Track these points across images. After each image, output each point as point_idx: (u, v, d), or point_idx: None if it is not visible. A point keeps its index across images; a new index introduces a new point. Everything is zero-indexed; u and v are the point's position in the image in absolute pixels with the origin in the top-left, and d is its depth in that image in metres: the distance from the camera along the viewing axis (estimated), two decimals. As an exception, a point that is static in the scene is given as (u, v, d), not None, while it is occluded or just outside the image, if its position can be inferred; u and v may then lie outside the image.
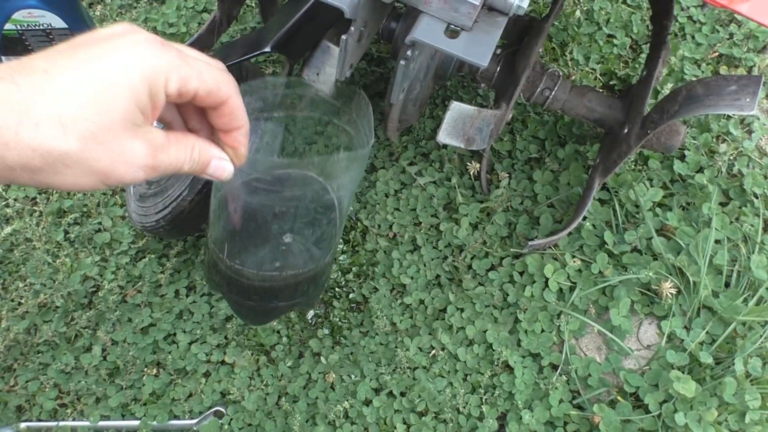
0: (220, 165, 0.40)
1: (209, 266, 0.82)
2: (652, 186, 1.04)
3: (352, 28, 0.63)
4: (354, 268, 1.00)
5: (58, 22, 1.02)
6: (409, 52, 0.62)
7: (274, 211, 0.73)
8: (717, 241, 0.97)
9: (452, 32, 0.59)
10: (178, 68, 0.34)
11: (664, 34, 0.94)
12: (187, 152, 0.38)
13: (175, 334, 0.93)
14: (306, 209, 0.75)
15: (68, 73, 0.31)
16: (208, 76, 0.36)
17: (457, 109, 0.83)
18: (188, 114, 0.41)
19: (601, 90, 1.19)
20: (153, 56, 0.33)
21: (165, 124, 0.41)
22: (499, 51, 0.97)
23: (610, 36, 1.24)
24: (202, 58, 0.37)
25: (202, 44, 1.01)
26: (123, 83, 0.32)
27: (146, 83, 0.32)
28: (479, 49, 0.58)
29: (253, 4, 1.18)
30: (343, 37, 0.63)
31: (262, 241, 0.77)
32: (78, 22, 1.04)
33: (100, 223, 1.06)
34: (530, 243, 0.91)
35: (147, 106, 0.33)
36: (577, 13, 1.25)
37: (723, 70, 1.19)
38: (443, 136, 0.85)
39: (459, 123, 0.84)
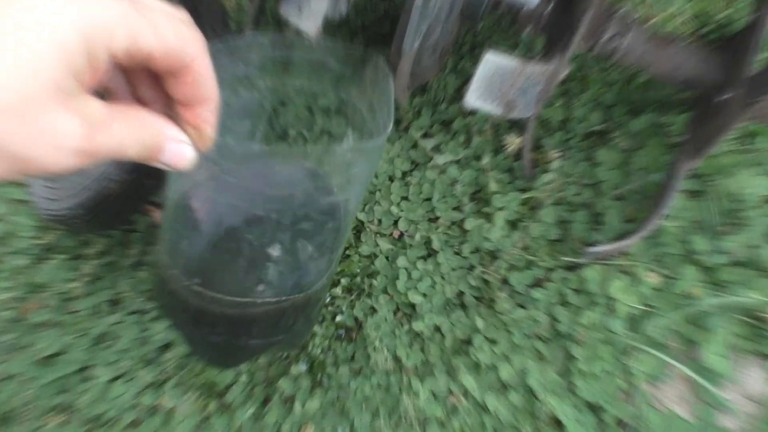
0: (178, 150, 0.40)
1: (157, 284, 0.82)
2: (761, 174, 1.02)
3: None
4: (343, 280, 0.99)
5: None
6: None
7: (253, 215, 0.74)
8: None
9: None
10: (126, 20, 0.34)
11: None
12: (135, 132, 0.37)
13: (90, 368, 0.92)
14: (298, 214, 0.75)
15: None
16: (167, 31, 0.35)
17: (492, 62, 0.83)
18: (138, 80, 0.41)
19: (692, 38, 1.17)
20: (95, 3, 0.32)
21: (105, 93, 0.40)
22: (552, -19, 0.96)
23: (704, -35, 1.22)
24: (161, 7, 0.36)
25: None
26: (53, 40, 0.31)
27: (84, 41, 0.32)
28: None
29: None
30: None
31: (234, 255, 0.77)
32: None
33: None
34: (590, 249, 0.91)
35: (84, 71, 0.33)
36: (660, -69, 1.23)
37: None
38: (473, 99, 0.85)
39: (495, 81, 0.85)
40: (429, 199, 1.03)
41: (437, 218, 1.02)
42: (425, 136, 1.07)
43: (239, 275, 0.78)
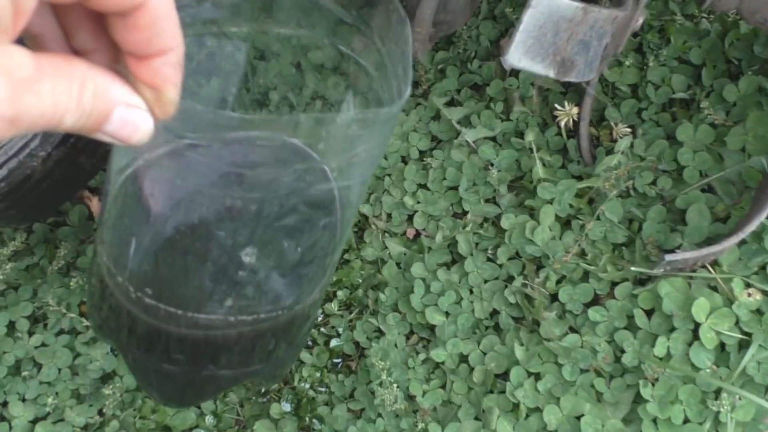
0: (130, 117, 0.39)
1: (95, 295, 0.81)
2: None
3: None
4: (340, 293, 0.99)
5: None
6: None
7: (224, 206, 0.72)
8: None
9: None
10: None
11: None
12: (74, 92, 0.36)
13: (4, 406, 0.89)
14: (283, 206, 0.73)
15: None
16: None
17: (544, 5, 0.82)
18: (74, 24, 0.40)
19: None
20: None
21: (31, 42, 0.40)
22: None
23: None
24: None
25: None
26: None
27: None
28: None
29: None
30: None
31: (199, 259, 0.75)
32: None
33: None
34: (668, 257, 0.89)
35: (4, 12, 0.32)
36: None
37: None
38: (517, 56, 0.85)
39: (547, 31, 0.84)
40: (455, 188, 1.02)
41: (465, 213, 1.02)
42: (450, 103, 1.06)
43: (204, 285, 0.76)
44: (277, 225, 0.74)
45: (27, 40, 0.40)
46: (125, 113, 0.39)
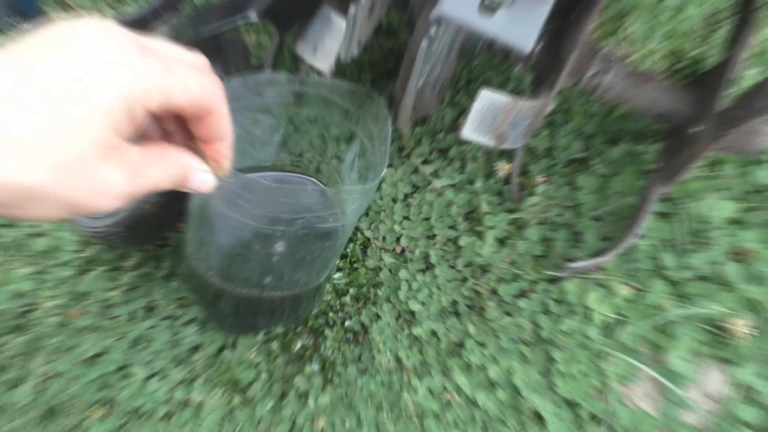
0: (201, 179, 0.42)
1: (186, 270, 0.89)
2: (726, 197, 1.04)
3: (363, 1, 0.63)
4: (352, 290, 1.00)
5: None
6: (433, 30, 0.63)
7: (261, 232, 0.77)
8: (805, 270, 0.97)
9: (488, 7, 0.59)
10: (159, 81, 0.35)
11: (751, 7, 0.94)
12: (167, 169, 0.39)
13: (128, 367, 0.93)
14: (300, 235, 0.79)
15: (36, 93, 0.31)
16: (193, 85, 0.37)
17: (487, 98, 0.84)
18: (165, 120, 0.42)
19: (667, 73, 1.19)
20: (132, 69, 0.34)
21: (139, 132, 0.42)
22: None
23: (678, 7, 1.24)
24: (185, 60, 0.38)
25: (171, 4, 1.01)
26: (99, 104, 0.32)
27: (125, 103, 0.33)
28: (521, 29, 0.59)
29: (235, -44, 1.18)
30: (352, 9, 0.63)
31: (243, 258, 0.81)
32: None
33: (35, 226, 1.06)
34: (571, 265, 0.92)
35: (125, 126, 0.34)
36: (638, -23, 1.26)
37: (817, 54, 1.19)
38: (469, 132, 0.86)
39: (489, 116, 0.85)
40: (428, 219, 1.05)
41: (435, 236, 1.04)
42: (425, 162, 1.08)
43: (247, 274, 0.83)
44: (296, 245, 0.80)
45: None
46: (199, 176, 0.42)
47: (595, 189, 1.06)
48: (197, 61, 0.40)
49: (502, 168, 1.07)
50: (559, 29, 0.96)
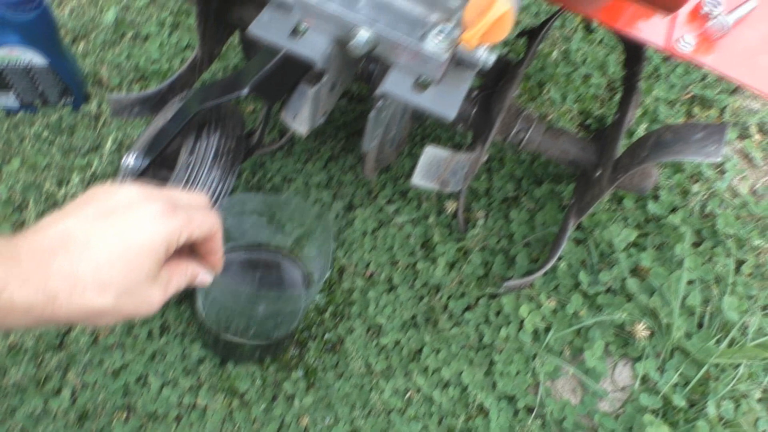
0: (203, 277, 0.50)
1: (198, 324, 0.95)
2: (626, 226, 1.06)
3: (324, 79, 0.64)
4: (330, 308, 1.00)
5: (39, 60, 1.04)
6: (380, 103, 0.64)
7: (241, 302, 0.84)
8: (690, 282, 0.99)
9: (421, 85, 0.60)
10: (185, 228, 0.43)
11: (635, 79, 0.97)
12: (183, 277, 0.47)
13: (146, 377, 0.92)
14: (275, 306, 0.86)
15: (104, 243, 0.39)
16: (204, 225, 0.45)
17: (431, 153, 0.85)
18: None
19: (577, 128, 1.22)
20: (168, 224, 0.41)
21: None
22: (475, 93, 1.00)
23: (586, 76, 1.28)
24: (196, 204, 0.47)
25: (183, 82, 1.02)
26: (147, 250, 0.40)
27: (164, 246, 0.41)
28: (447, 102, 0.60)
29: (236, 42, 1.20)
30: (312, 89, 0.65)
31: (231, 318, 0.87)
32: (59, 60, 1.06)
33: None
34: (506, 284, 0.93)
35: (163, 260, 0.42)
36: (555, 53, 1.29)
37: (696, 110, 1.23)
38: (418, 179, 0.87)
39: (433, 166, 0.86)
40: (391, 248, 1.05)
41: (397, 261, 1.04)
42: (389, 202, 1.10)
43: (235, 328, 0.88)
44: (268, 312, 0.85)
45: None
46: (201, 276, 0.49)
47: (524, 221, 1.07)
48: (202, 201, 0.48)
49: (450, 206, 1.09)
50: (489, 96, 0.99)
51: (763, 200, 1.11)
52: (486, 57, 0.62)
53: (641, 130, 1.18)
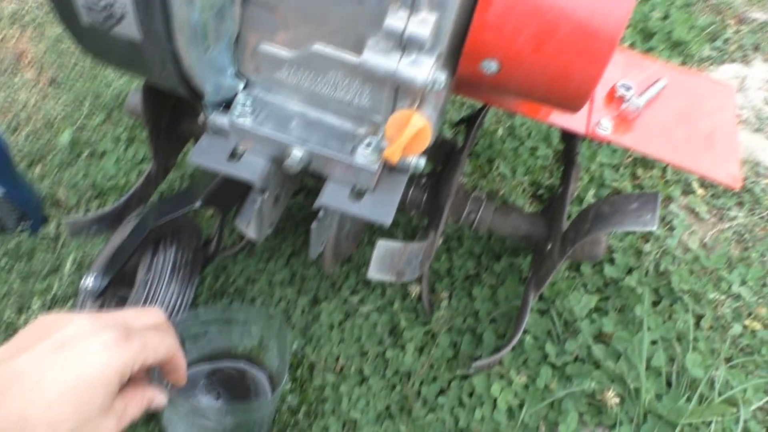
0: (159, 401, 0.50)
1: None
2: (587, 292, 1.08)
3: (266, 195, 0.67)
4: (303, 407, 0.99)
5: (-5, 188, 1.06)
6: (320, 213, 0.67)
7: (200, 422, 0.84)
8: (653, 342, 1.01)
9: (357, 194, 0.63)
10: (139, 356, 0.43)
11: (573, 153, 1.02)
12: (139, 405, 0.47)
13: None
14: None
15: (55, 381, 0.39)
16: (161, 349, 0.45)
17: (383, 247, 0.87)
18: None
19: (530, 200, 1.26)
20: (121, 354, 0.42)
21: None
22: (424, 180, 1.03)
23: (533, 148, 1.34)
24: (154, 325, 0.47)
25: (140, 197, 1.05)
26: (99, 384, 0.40)
27: (117, 377, 0.41)
28: (383, 208, 0.63)
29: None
30: (258, 201, 0.67)
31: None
32: (15, 188, 1.08)
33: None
34: (474, 364, 0.93)
35: (116, 391, 0.42)
36: (500, 130, 1.35)
37: (640, 171, 1.29)
38: (373, 273, 0.89)
39: (387, 259, 0.89)
40: (359, 339, 1.06)
41: (366, 352, 1.05)
42: (353, 293, 1.11)
43: None
44: (238, 422, 0.84)
45: None
46: (158, 399, 0.50)
47: (487, 297, 1.09)
48: (158, 320, 0.49)
49: (414, 289, 1.10)
50: (437, 182, 1.03)
51: (713, 253, 1.15)
52: (416, 162, 0.66)
53: (590, 197, 1.23)
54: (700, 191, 1.26)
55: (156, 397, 0.50)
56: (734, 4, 1.52)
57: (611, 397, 0.94)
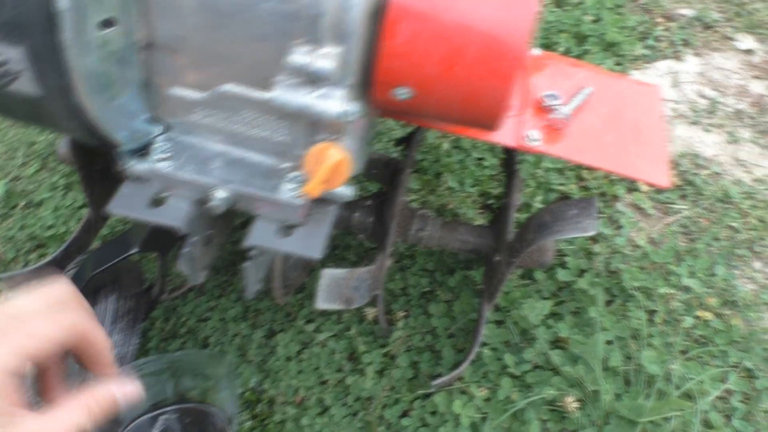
0: (127, 392, 0.39)
1: None
2: (541, 298, 1.08)
3: (195, 239, 0.66)
4: None
5: None
6: (252, 253, 0.66)
7: None
8: (608, 342, 1.01)
9: (285, 230, 0.62)
10: (19, 352, 0.33)
11: (513, 164, 1.02)
12: (84, 411, 0.36)
13: None
14: None
15: None
16: (49, 331, 0.35)
17: (328, 275, 0.87)
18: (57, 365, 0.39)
19: (481, 210, 1.26)
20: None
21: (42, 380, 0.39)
22: (370, 202, 1.03)
23: (479, 159, 1.34)
24: (44, 307, 0.36)
25: (80, 245, 1.02)
26: None
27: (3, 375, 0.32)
28: (312, 241, 0.62)
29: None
30: (186, 247, 0.66)
31: None
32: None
33: None
34: (433, 383, 0.94)
35: (15, 394, 0.32)
36: (445, 144, 1.35)
37: (585, 174, 1.30)
38: (321, 303, 0.88)
39: (334, 287, 0.88)
40: (318, 368, 1.04)
41: (326, 381, 1.03)
42: (308, 322, 1.09)
43: None
44: None
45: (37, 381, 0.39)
46: (123, 392, 0.39)
47: (444, 313, 1.09)
48: (58, 296, 0.37)
49: (370, 312, 1.09)
50: (382, 204, 1.02)
51: (661, 247, 1.17)
52: (343, 191, 0.65)
53: (538, 203, 1.23)
54: (644, 188, 1.28)
55: (117, 390, 0.38)
56: (662, 2, 1.56)
57: (571, 402, 0.94)
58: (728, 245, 1.17)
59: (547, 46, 1.46)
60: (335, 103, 0.52)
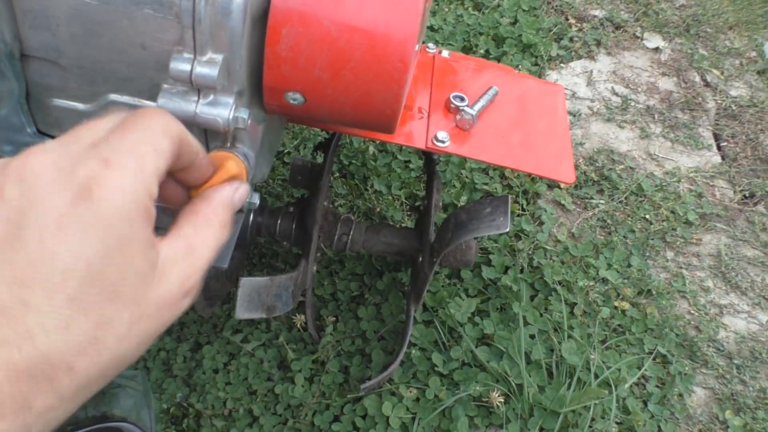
0: (241, 191, 0.36)
1: None
2: (469, 296, 1.09)
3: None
4: None
5: None
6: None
7: None
8: (531, 336, 1.03)
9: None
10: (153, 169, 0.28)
11: (432, 165, 1.03)
12: (214, 228, 0.33)
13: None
14: None
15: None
16: (173, 129, 0.30)
17: (248, 284, 0.84)
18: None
19: (409, 213, 1.26)
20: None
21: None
22: (292, 208, 1.01)
23: (405, 162, 1.34)
24: (133, 127, 0.29)
25: None
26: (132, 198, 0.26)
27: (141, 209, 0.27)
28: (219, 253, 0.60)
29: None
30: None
31: None
32: None
33: None
34: (362, 386, 0.91)
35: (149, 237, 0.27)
36: (371, 148, 1.35)
37: (508, 172, 1.32)
38: (241, 313, 0.85)
39: (254, 296, 0.85)
40: (246, 378, 1.02)
41: (255, 391, 1.01)
42: (235, 332, 1.07)
43: None
44: None
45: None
46: (240, 191, 0.36)
47: (373, 316, 1.08)
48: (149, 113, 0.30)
49: (299, 319, 1.07)
50: (305, 210, 1.00)
51: (580, 242, 1.20)
52: (249, 199, 0.63)
53: (462, 202, 1.25)
54: (564, 184, 1.31)
55: (238, 187, 0.35)
56: (574, 4, 1.61)
57: (497, 397, 0.95)
58: (642, 237, 1.22)
59: (468, 49, 1.48)
60: (223, 110, 0.50)
